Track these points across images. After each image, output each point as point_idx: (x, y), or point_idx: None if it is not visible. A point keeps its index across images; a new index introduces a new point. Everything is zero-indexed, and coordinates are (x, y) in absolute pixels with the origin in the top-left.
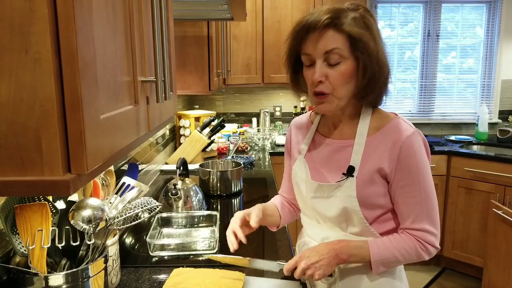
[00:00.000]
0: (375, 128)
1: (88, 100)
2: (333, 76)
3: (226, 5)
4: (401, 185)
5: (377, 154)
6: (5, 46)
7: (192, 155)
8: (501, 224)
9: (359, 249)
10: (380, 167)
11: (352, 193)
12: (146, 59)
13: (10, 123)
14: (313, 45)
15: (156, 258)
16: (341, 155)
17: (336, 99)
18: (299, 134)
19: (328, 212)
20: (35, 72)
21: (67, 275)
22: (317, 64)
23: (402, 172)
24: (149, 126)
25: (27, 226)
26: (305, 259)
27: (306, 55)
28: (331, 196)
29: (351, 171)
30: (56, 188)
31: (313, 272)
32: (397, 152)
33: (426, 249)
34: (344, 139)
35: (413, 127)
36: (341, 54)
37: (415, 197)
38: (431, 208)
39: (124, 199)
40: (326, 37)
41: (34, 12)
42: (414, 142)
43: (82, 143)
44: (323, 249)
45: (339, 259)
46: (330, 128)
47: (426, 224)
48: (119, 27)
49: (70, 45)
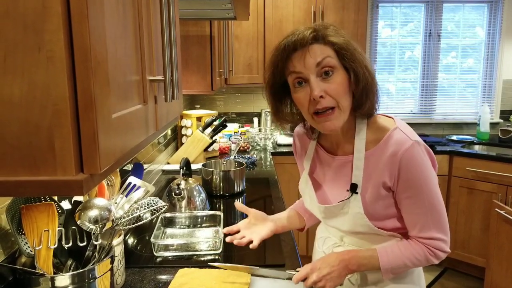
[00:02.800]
0: (373, 141)
1: (101, 99)
2: (331, 89)
3: (230, 4)
4: (405, 197)
5: (379, 168)
6: (18, 44)
7: (194, 155)
8: (504, 224)
9: (368, 259)
10: (383, 181)
11: (359, 210)
12: (154, 58)
13: (22, 122)
14: (302, 62)
15: (160, 259)
16: (345, 171)
17: (342, 112)
18: (301, 145)
19: (341, 227)
20: (48, 70)
21: (73, 276)
22: (311, 81)
23: (405, 185)
24: (157, 126)
25: (33, 227)
26: (316, 272)
27: (295, 74)
28: (339, 214)
29: (354, 188)
30: (69, 188)
31: (324, 284)
32: (398, 165)
33: (435, 254)
34: (346, 155)
35: (411, 137)
36: (332, 64)
37: (420, 208)
38: (438, 216)
39: (130, 199)
40: (314, 51)
41: (47, 9)
42: (414, 153)
43: (95, 143)
44: (334, 260)
45: (349, 270)
46: (332, 143)
47: (435, 232)
48: (129, 26)
49: (83, 43)
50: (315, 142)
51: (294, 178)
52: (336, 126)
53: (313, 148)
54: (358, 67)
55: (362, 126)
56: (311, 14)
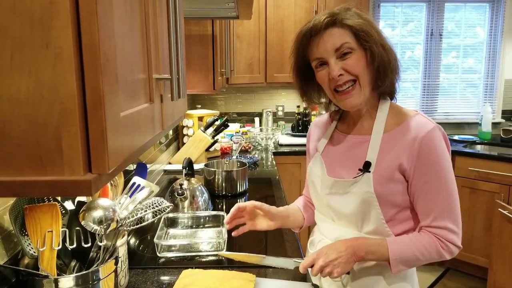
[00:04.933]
0: (394, 124)
1: (110, 97)
2: (349, 65)
3: (233, 3)
4: (422, 182)
5: (395, 150)
6: (25, 41)
7: (196, 155)
8: (507, 224)
9: (377, 246)
10: (399, 163)
11: (369, 189)
12: (160, 57)
13: (29, 121)
14: (321, 47)
15: (163, 259)
16: (358, 151)
17: (362, 89)
18: (319, 132)
19: (344, 209)
20: (55, 68)
21: (77, 278)
22: (331, 63)
23: (423, 169)
24: (163, 125)
25: (36, 227)
26: (323, 257)
27: (317, 60)
28: (347, 193)
29: (368, 166)
30: (76, 188)
31: (331, 269)
32: (417, 148)
33: (447, 247)
34: (362, 135)
35: (433, 122)
36: (350, 47)
37: (437, 194)
38: (454, 206)
39: (135, 199)
40: (332, 35)
41: (55, 5)
42: (434, 137)
43: (103, 142)
44: (341, 246)
45: (357, 256)
46: (349, 124)
47: (448, 222)
48: (136, 24)
49: (92, 40)
50: (334, 127)
51: (295, 178)
52: (357, 103)
53: (331, 131)
54: (373, 46)
55: (385, 108)
56: (312, 13)
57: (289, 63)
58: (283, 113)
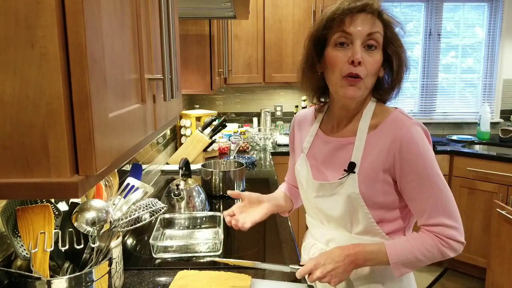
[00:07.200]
0: (375, 124)
1: (97, 98)
2: (368, 62)
3: (230, 3)
4: (408, 180)
5: (377, 150)
6: (10, 40)
7: (194, 155)
8: (505, 224)
9: (376, 253)
10: (382, 162)
11: (355, 190)
12: (152, 57)
13: (15, 122)
14: (359, 25)
15: (159, 260)
16: (342, 153)
17: (364, 88)
18: (302, 130)
19: (332, 211)
20: (41, 68)
21: (70, 279)
22: (356, 45)
23: (407, 167)
24: (156, 126)
25: (29, 229)
26: (320, 268)
27: (344, 34)
28: (334, 194)
29: (352, 167)
30: (63, 190)
31: (329, 280)
32: (398, 147)
33: (448, 245)
34: (346, 137)
35: (411, 119)
36: (378, 40)
37: (426, 191)
38: (446, 200)
39: (129, 200)
40: (372, 21)
41: (41, 4)
42: (414, 134)
43: (91, 143)
44: (339, 256)
45: (355, 265)
46: (333, 125)
47: (444, 218)
48: (126, 23)
49: (78, 40)
50: (317, 126)
51: None
52: (357, 95)
53: (315, 131)
54: (394, 52)
55: (370, 109)
56: (311, 13)
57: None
58: (281, 113)
